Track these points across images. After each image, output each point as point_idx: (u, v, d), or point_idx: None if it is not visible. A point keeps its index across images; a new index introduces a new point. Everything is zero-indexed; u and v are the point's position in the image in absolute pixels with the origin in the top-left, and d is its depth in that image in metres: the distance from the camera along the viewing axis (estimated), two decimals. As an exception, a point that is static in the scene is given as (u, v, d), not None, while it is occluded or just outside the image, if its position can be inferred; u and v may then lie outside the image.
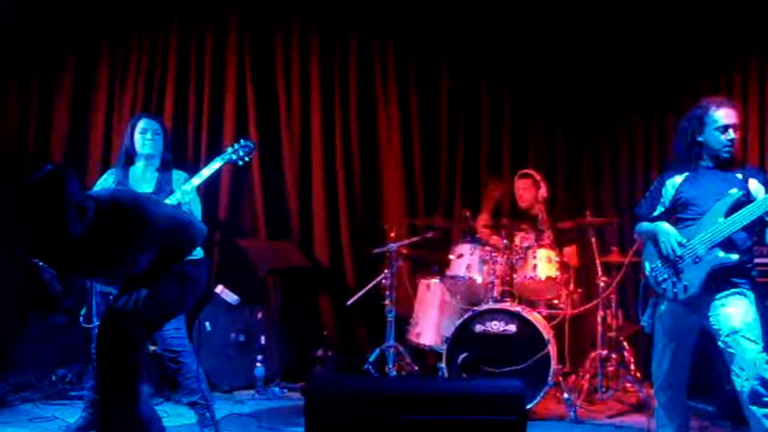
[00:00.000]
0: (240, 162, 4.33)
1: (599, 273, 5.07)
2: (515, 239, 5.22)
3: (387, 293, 5.32)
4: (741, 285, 3.33)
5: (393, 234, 5.42)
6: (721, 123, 3.42)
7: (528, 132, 6.34)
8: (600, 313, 5.00)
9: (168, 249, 3.09)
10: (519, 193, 5.66)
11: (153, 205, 3.11)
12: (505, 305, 4.81)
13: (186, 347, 4.06)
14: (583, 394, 4.88)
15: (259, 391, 5.27)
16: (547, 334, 4.65)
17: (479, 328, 4.71)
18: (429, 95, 6.25)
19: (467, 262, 5.05)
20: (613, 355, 5.10)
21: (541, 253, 4.99)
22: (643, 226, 3.60)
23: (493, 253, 5.06)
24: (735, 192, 3.35)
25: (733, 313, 3.27)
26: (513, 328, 4.67)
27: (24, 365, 5.15)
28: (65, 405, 4.76)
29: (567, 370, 5.11)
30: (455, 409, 2.67)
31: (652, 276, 3.51)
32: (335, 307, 6.00)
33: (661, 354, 3.54)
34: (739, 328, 3.23)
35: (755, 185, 3.42)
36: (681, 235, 3.40)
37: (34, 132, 5.79)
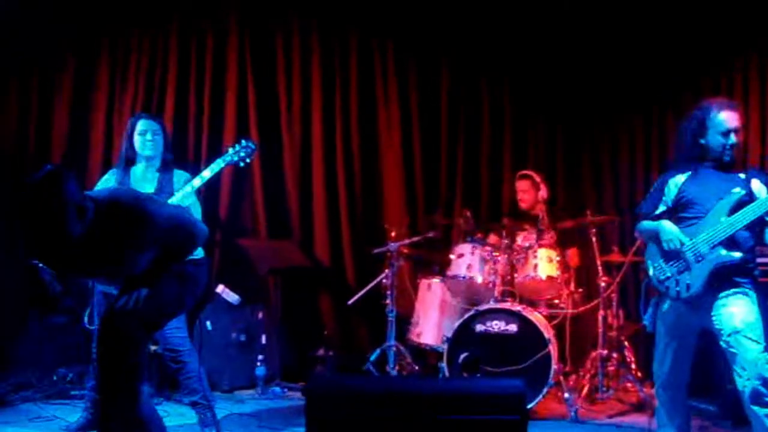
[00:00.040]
0: (241, 163, 4.32)
1: (600, 273, 5.06)
2: (517, 239, 5.23)
3: (388, 293, 5.32)
4: (743, 284, 3.34)
5: (393, 233, 5.42)
6: (723, 127, 3.41)
7: (528, 132, 6.33)
8: (601, 313, 5.00)
9: (168, 249, 3.08)
10: (519, 195, 5.66)
11: (153, 205, 3.10)
12: (506, 305, 4.81)
13: (187, 347, 4.06)
14: (584, 393, 4.88)
15: (260, 391, 5.27)
16: (548, 333, 4.64)
17: (480, 327, 4.71)
18: (429, 95, 6.25)
19: (468, 261, 5.05)
20: (614, 355, 5.11)
21: (542, 253, 4.99)
22: (645, 225, 3.59)
23: (494, 253, 5.06)
24: (738, 191, 3.35)
25: (735, 313, 3.27)
26: (514, 327, 4.67)
27: (24, 365, 5.15)
28: (66, 404, 4.76)
29: (568, 369, 5.11)
30: (456, 409, 2.67)
31: (654, 275, 3.50)
32: (336, 307, 5.99)
33: (663, 353, 3.54)
34: (741, 327, 3.23)
35: (758, 185, 3.42)
36: (683, 234, 3.40)
37: (34, 132, 5.79)
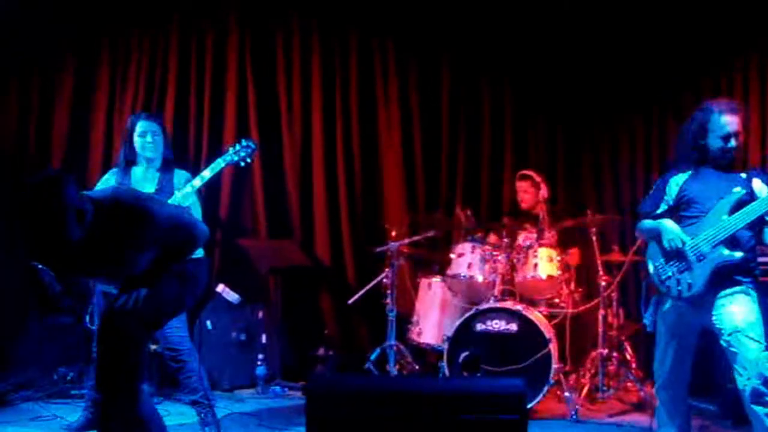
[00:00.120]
0: (242, 163, 4.32)
1: (600, 272, 5.06)
2: (517, 238, 5.23)
3: (388, 292, 5.31)
4: (744, 283, 3.34)
5: (394, 233, 5.42)
6: (724, 131, 3.41)
7: (528, 132, 6.33)
8: (601, 312, 4.99)
9: (169, 249, 3.08)
10: (519, 195, 5.66)
11: (154, 205, 3.10)
12: (506, 304, 4.80)
13: (187, 346, 4.07)
14: (585, 393, 4.88)
15: (260, 390, 5.27)
16: (548, 333, 4.64)
17: (480, 327, 4.70)
18: (429, 95, 6.25)
19: (468, 260, 5.05)
20: (614, 354, 5.11)
21: (542, 252, 4.98)
22: (646, 224, 3.58)
23: (494, 252, 5.06)
24: (739, 190, 3.35)
25: (736, 312, 3.27)
26: (514, 327, 4.67)
27: (25, 364, 5.15)
28: (66, 404, 4.76)
29: (568, 369, 5.10)
30: (456, 408, 2.66)
31: (655, 274, 3.50)
32: (336, 306, 5.99)
33: (663, 352, 3.54)
34: (742, 327, 3.24)
35: (759, 185, 3.42)
36: (685, 233, 3.40)
37: (34, 132, 5.78)
